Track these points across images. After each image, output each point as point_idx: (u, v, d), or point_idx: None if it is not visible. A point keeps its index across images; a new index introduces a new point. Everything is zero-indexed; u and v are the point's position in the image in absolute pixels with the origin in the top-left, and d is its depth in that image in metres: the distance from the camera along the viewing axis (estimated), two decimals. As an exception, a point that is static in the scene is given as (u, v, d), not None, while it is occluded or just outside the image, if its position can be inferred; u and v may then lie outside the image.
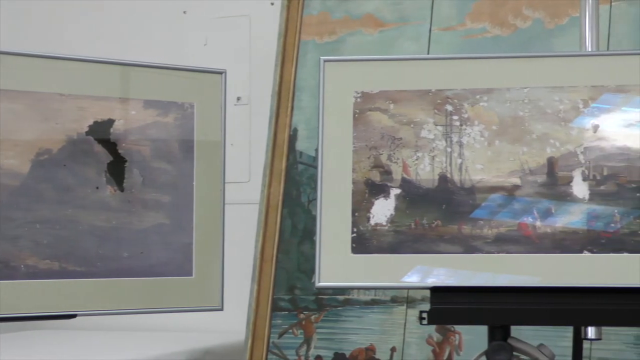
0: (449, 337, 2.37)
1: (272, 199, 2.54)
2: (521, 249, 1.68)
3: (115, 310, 1.79)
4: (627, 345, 2.23)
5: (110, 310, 1.78)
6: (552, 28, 2.41)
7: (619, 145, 1.68)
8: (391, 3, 2.57)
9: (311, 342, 2.48)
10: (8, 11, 3.13)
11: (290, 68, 2.59)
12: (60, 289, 1.73)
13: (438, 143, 1.73)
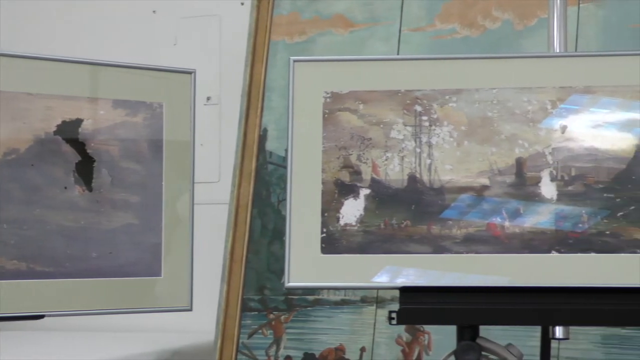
0: (418, 337, 2.38)
1: (242, 199, 2.54)
2: (490, 249, 1.69)
3: (83, 311, 1.78)
4: (595, 345, 2.24)
5: (79, 311, 1.78)
6: (521, 29, 2.43)
7: (586, 146, 1.70)
8: (361, 3, 2.57)
9: (281, 342, 2.48)
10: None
11: (260, 68, 2.59)
12: (28, 289, 1.72)
13: (407, 143, 1.73)
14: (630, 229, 1.66)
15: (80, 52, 2.62)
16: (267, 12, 2.61)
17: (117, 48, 2.94)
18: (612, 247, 1.66)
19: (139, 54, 2.82)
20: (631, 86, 1.69)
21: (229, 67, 2.81)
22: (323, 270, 1.71)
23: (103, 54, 2.62)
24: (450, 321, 1.71)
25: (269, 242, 2.53)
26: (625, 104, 1.69)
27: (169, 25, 2.94)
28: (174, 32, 2.93)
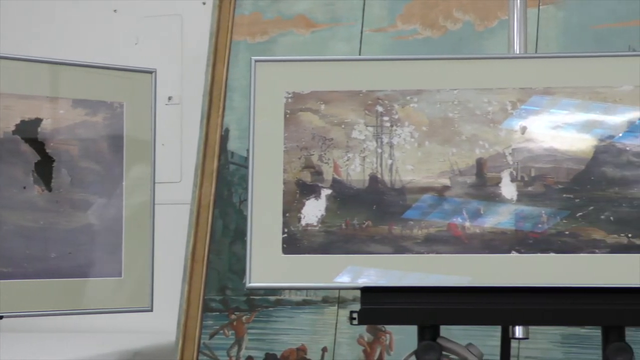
0: (380, 337, 2.38)
1: (204, 199, 2.53)
2: (451, 249, 1.69)
3: (43, 312, 1.77)
4: (554, 344, 2.26)
5: (38, 312, 1.77)
6: (482, 30, 2.44)
7: (546, 146, 1.71)
8: (323, 4, 2.57)
9: (242, 342, 2.47)
10: None
11: (222, 68, 2.58)
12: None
13: (369, 144, 1.73)
14: (588, 229, 1.67)
15: (40, 51, 2.60)
16: (228, 12, 2.60)
17: (78, 47, 2.92)
18: (571, 247, 1.67)
19: (99, 54, 2.80)
20: (590, 87, 1.71)
21: (191, 67, 2.80)
22: (284, 271, 1.71)
23: (63, 53, 2.60)
24: (411, 321, 1.72)
25: (231, 243, 2.52)
26: (585, 105, 1.71)
27: (130, 25, 2.92)
28: (135, 31, 2.92)
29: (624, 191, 1.67)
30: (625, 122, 1.70)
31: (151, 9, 2.90)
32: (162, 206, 1.98)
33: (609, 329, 1.68)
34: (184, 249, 2.52)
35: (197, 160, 2.56)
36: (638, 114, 1.69)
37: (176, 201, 2.66)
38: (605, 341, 1.68)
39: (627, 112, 1.70)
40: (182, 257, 2.53)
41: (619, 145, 1.69)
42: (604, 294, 1.65)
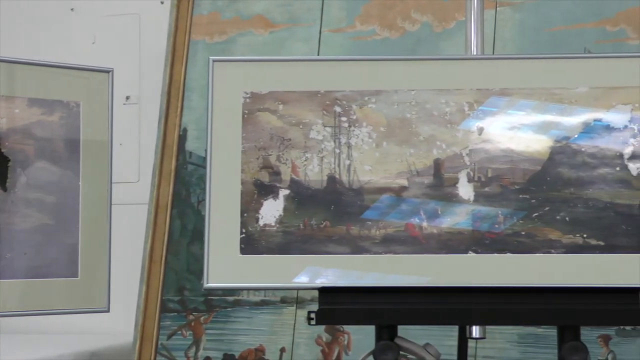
0: (338, 337, 2.39)
1: (162, 200, 2.52)
2: (408, 250, 1.70)
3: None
4: (511, 344, 2.27)
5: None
6: (440, 32, 2.45)
7: (503, 147, 1.72)
8: (281, 4, 2.57)
9: (200, 343, 2.47)
10: None
11: (180, 68, 2.57)
12: (-61, 291, 1.69)
13: (327, 144, 1.74)
14: (544, 230, 1.68)
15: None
16: (186, 12, 2.59)
17: (34, 46, 2.90)
18: (527, 248, 1.68)
19: (56, 53, 2.78)
20: (546, 89, 1.72)
21: (149, 67, 2.79)
22: (242, 271, 1.71)
23: (19, 52, 2.57)
24: (369, 321, 1.72)
25: (189, 243, 2.52)
26: (541, 106, 1.72)
27: (88, 24, 2.91)
28: (92, 30, 2.90)
29: (579, 192, 1.69)
30: (580, 123, 1.71)
31: (109, 8, 2.88)
32: (120, 206, 1.97)
33: (564, 328, 1.69)
34: (142, 249, 2.51)
35: (155, 160, 2.55)
36: (593, 115, 1.71)
37: (134, 201, 2.65)
38: (560, 340, 1.69)
39: (582, 114, 1.71)
40: (139, 258, 2.51)
41: (574, 146, 1.71)
42: (560, 294, 1.67)
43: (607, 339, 2.22)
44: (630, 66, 1.73)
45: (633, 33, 2.32)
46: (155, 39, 2.73)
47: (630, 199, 1.68)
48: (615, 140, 1.70)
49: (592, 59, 1.80)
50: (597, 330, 2.21)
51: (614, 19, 2.34)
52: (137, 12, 2.86)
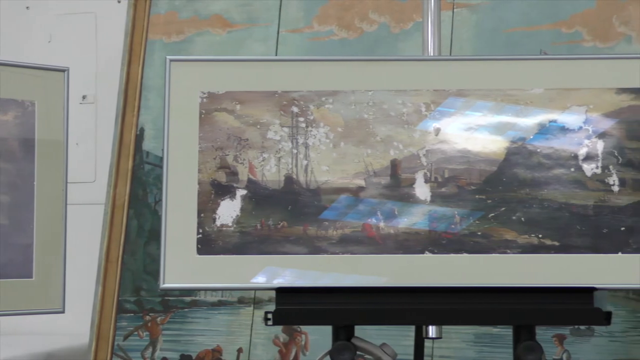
0: (295, 338, 2.39)
1: (118, 200, 2.51)
2: (365, 250, 1.70)
3: (-49, 314, 1.74)
4: (467, 344, 2.28)
5: (-54, 314, 1.73)
6: (398, 32, 2.46)
7: (459, 148, 1.73)
8: (239, 4, 2.57)
9: (157, 344, 2.46)
10: None
11: (137, 67, 2.56)
12: None
13: (284, 144, 1.73)
14: (500, 230, 1.69)
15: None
16: (144, 11, 2.58)
17: (-11, 44, 2.88)
18: (483, 248, 1.69)
19: (11, 51, 2.77)
20: (502, 90, 1.73)
21: (105, 66, 2.78)
22: (199, 271, 1.70)
23: (-26, 50, 2.55)
24: (326, 321, 1.72)
25: (146, 243, 2.51)
26: (498, 107, 1.73)
27: (43, 22, 2.89)
28: (48, 29, 2.88)
29: (534, 192, 1.70)
30: (536, 124, 1.72)
31: (65, 6, 2.87)
32: (76, 206, 1.96)
33: (519, 328, 1.70)
34: (98, 249, 2.50)
35: (111, 160, 2.54)
36: (548, 116, 1.72)
37: (90, 201, 2.64)
38: (516, 340, 1.70)
39: (538, 115, 1.72)
40: (96, 258, 2.50)
41: (530, 147, 1.72)
42: (515, 294, 1.68)
43: (562, 338, 2.24)
44: (585, 68, 1.74)
45: (588, 35, 2.35)
46: (112, 38, 2.72)
47: (585, 199, 1.69)
48: (570, 141, 1.72)
49: (547, 60, 1.82)
50: (552, 329, 2.23)
51: (569, 21, 2.36)
52: (94, 11, 2.84)
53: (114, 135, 2.56)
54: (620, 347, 2.22)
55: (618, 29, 2.34)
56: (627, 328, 2.21)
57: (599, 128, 1.72)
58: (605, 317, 1.67)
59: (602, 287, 1.68)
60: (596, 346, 2.22)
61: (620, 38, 2.33)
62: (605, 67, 1.74)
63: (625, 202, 1.69)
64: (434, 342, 2.24)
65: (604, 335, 2.22)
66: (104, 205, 2.53)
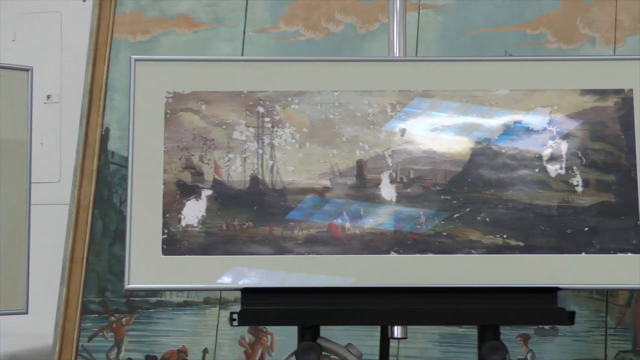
0: (261, 338, 2.38)
1: (83, 200, 2.50)
2: (331, 250, 1.70)
3: None
4: (433, 344, 2.29)
5: None
6: (364, 33, 2.46)
7: (425, 148, 1.73)
8: (205, 4, 2.56)
9: (122, 344, 2.45)
10: None
11: (102, 67, 2.55)
12: None
13: (250, 145, 1.73)
14: (465, 230, 1.70)
15: None
16: (109, 10, 2.57)
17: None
18: (448, 248, 1.70)
19: (-26, 50, 2.75)
20: (467, 91, 1.74)
21: (70, 65, 2.76)
22: (164, 272, 1.70)
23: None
24: (291, 322, 1.72)
25: (111, 244, 2.49)
26: (463, 107, 1.74)
27: (8, 21, 2.86)
28: (12, 28, 2.86)
29: (499, 193, 1.71)
30: (501, 125, 1.73)
31: (29, 5, 2.85)
32: (41, 206, 1.95)
33: (484, 328, 1.71)
34: (63, 250, 2.48)
35: (76, 160, 2.52)
36: (513, 117, 1.73)
37: (55, 201, 2.62)
38: (480, 340, 1.71)
39: (503, 116, 1.73)
40: (60, 259, 2.49)
41: (495, 147, 1.73)
42: (480, 294, 1.69)
43: (526, 338, 2.25)
44: (549, 69, 1.75)
45: (553, 37, 2.36)
46: (77, 38, 2.70)
47: (549, 200, 1.71)
48: (534, 142, 1.73)
49: (512, 61, 1.83)
50: (516, 329, 2.24)
51: (534, 23, 2.37)
52: (59, 10, 2.83)
53: (78, 135, 2.54)
54: (583, 346, 2.23)
55: (582, 30, 2.36)
56: (591, 328, 2.23)
57: (563, 129, 1.73)
58: (568, 316, 1.68)
59: (566, 287, 1.69)
60: (560, 346, 2.24)
61: (584, 40, 2.35)
62: (569, 68, 1.75)
63: (589, 202, 1.70)
64: (399, 342, 2.25)
65: (567, 335, 2.23)
66: (68, 206, 2.52)
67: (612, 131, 1.73)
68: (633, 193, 1.70)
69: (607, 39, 2.33)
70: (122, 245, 2.42)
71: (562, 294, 1.69)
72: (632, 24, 2.33)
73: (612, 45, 2.33)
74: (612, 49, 2.32)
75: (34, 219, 1.84)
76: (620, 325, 2.23)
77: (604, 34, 2.34)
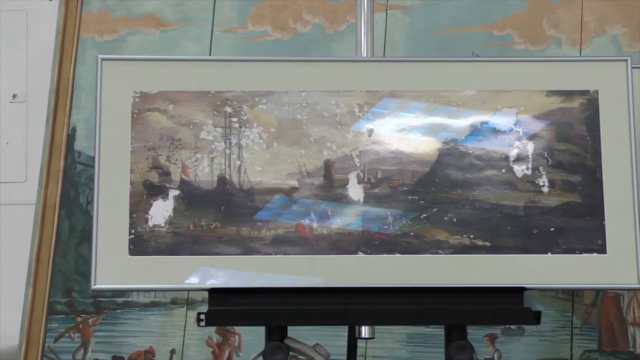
0: (229, 338, 2.38)
1: (50, 200, 2.48)
2: (298, 250, 1.70)
3: None
4: (400, 344, 2.29)
5: None
6: (332, 33, 2.46)
7: (392, 149, 1.74)
8: (173, 3, 2.55)
9: (89, 345, 2.44)
10: None
11: (69, 66, 2.54)
12: None
13: (217, 145, 1.73)
14: (432, 231, 1.71)
15: None
16: (75, 9, 2.56)
17: None
18: (415, 248, 1.70)
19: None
20: (435, 91, 1.75)
21: (36, 64, 2.74)
22: (131, 272, 1.69)
23: None
24: (258, 322, 1.72)
25: (77, 244, 2.48)
26: (431, 108, 1.74)
27: (-27, 20, 2.85)
28: (-22, 27, 2.84)
29: (466, 193, 1.72)
30: (468, 125, 1.74)
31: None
32: (6, 206, 1.94)
33: (451, 327, 1.72)
34: (29, 250, 2.47)
35: (42, 159, 2.51)
36: (480, 118, 1.74)
37: (21, 201, 2.60)
38: (447, 340, 1.72)
39: (470, 116, 1.74)
40: (26, 259, 2.47)
41: (462, 148, 1.74)
42: (447, 294, 1.69)
43: (493, 337, 2.26)
44: (516, 70, 1.76)
45: (519, 37, 2.37)
46: (43, 37, 2.68)
47: (515, 200, 1.71)
48: (501, 142, 1.74)
49: (479, 62, 1.84)
50: (483, 329, 2.25)
51: (500, 24, 2.39)
52: (24, 9, 2.81)
53: (45, 135, 2.53)
54: (549, 346, 2.25)
55: (548, 31, 2.37)
56: (557, 327, 2.25)
57: (529, 130, 1.74)
58: (534, 316, 1.69)
59: (532, 287, 1.70)
60: (527, 345, 2.25)
61: (550, 41, 2.36)
62: (535, 69, 1.77)
63: (555, 202, 1.72)
64: (367, 342, 2.25)
65: (534, 334, 2.24)
66: (35, 206, 2.50)
67: (578, 132, 1.74)
68: (598, 193, 1.71)
69: (573, 40, 2.35)
70: (89, 246, 2.40)
71: (528, 293, 1.70)
72: (598, 26, 2.35)
73: (578, 46, 2.34)
74: (578, 50, 2.34)
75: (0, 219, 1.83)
76: (585, 325, 2.25)
77: (570, 35, 2.35)
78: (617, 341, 2.24)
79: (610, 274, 1.69)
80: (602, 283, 1.72)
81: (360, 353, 2.07)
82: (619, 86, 1.74)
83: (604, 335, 2.24)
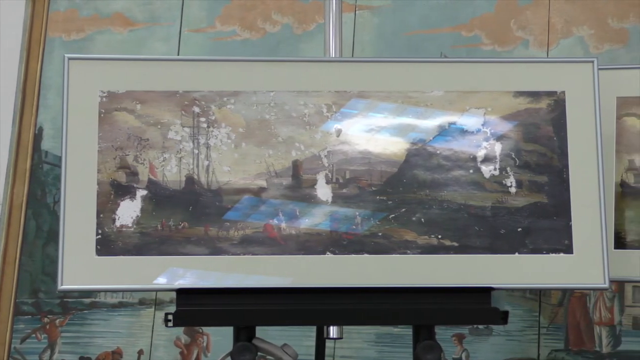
0: (197, 339, 2.38)
1: (16, 200, 2.47)
2: (267, 251, 1.70)
3: None
4: (368, 344, 2.30)
5: None
6: (300, 34, 2.47)
7: (360, 149, 1.74)
8: (141, 3, 2.54)
9: (55, 346, 2.42)
10: None
11: (36, 65, 2.53)
12: None
13: (185, 144, 1.73)
14: (400, 231, 1.71)
15: None
16: (43, 8, 2.55)
17: None
18: (383, 248, 1.70)
19: None
20: (403, 92, 1.75)
21: (3, 63, 2.72)
22: (98, 273, 1.68)
23: None
24: (226, 322, 1.72)
25: (44, 244, 2.47)
26: (399, 109, 1.75)
27: (-63, 18, 2.82)
28: (-58, 25, 2.81)
29: (434, 193, 1.72)
30: (436, 126, 1.75)
31: (-40, 2, 2.81)
32: (-28, 207, 1.92)
33: (419, 327, 1.72)
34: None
35: (9, 159, 2.50)
36: (448, 118, 1.75)
37: (-13, 201, 2.59)
38: (415, 340, 1.72)
39: (438, 117, 1.75)
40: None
41: (430, 148, 1.74)
42: (415, 294, 1.70)
43: (461, 337, 2.27)
44: (483, 71, 1.77)
45: (487, 39, 2.39)
46: (9, 35, 2.67)
47: (483, 200, 1.72)
48: (469, 143, 1.74)
49: (447, 63, 1.85)
50: (451, 329, 2.26)
51: (468, 25, 2.40)
52: (-10, 6, 2.79)
53: (11, 134, 2.52)
54: (517, 345, 2.26)
55: (516, 33, 2.38)
56: (524, 327, 2.26)
57: (497, 130, 1.75)
58: (502, 316, 1.69)
59: (500, 287, 1.71)
60: (494, 345, 2.26)
61: (518, 42, 2.38)
62: (503, 70, 1.77)
63: (522, 203, 1.72)
64: (335, 343, 2.25)
65: (501, 334, 2.26)
66: (1, 205, 2.49)
67: (545, 133, 1.75)
68: (565, 194, 1.72)
69: (540, 41, 2.36)
70: (56, 246, 2.39)
71: (496, 293, 1.70)
72: (565, 27, 2.36)
73: (545, 47, 2.36)
74: (545, 51, 2.35)
75: (-34, 219, 1.82)
76: (552, 325, 2.26)
77: (537, 36, 2.37)
78: (583, 340, 2.25)
79: (576, 274, 1.70)
80: (568, 283, 1.73)
81: (328, 353, 2.07)
82: (586, 87, 1.75)
83: (571, 335, 2.26)
